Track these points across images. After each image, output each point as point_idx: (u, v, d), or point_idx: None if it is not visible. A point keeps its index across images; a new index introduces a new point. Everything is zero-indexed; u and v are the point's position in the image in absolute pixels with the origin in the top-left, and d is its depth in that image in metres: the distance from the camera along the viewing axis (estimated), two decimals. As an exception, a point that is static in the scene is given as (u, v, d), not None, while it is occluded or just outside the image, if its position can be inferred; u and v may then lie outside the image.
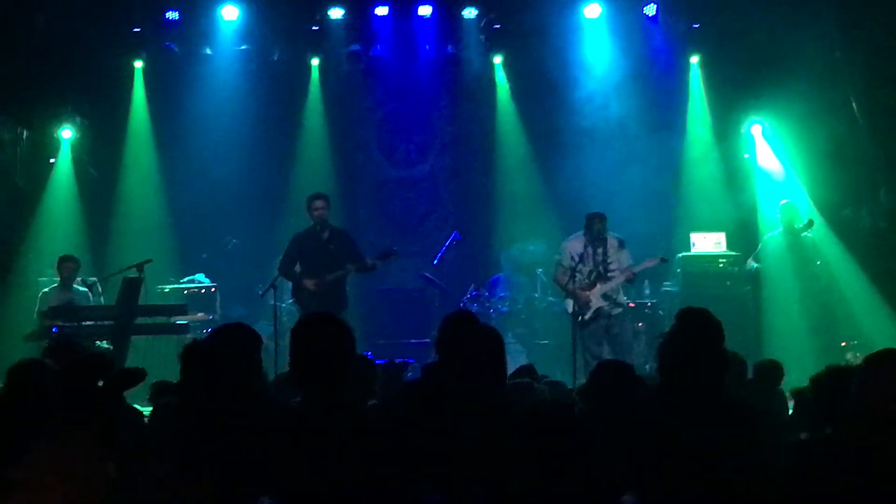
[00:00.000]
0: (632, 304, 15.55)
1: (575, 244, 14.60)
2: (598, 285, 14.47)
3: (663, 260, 15.31)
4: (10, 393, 5.45)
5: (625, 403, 6.10)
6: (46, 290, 15.42)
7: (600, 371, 6.85)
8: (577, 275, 14.43)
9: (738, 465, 5.51)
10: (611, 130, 18.05)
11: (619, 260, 14.55)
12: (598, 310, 14.45)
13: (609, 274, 14.50)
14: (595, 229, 14.46)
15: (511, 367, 9.67)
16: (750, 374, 9.24)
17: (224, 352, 5.64)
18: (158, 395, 8.17)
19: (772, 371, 9.29)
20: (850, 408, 5.50)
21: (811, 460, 5.33)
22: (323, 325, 5.49)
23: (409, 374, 10.50)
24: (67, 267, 15.31)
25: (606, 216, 14.56)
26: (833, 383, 6.09)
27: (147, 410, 7.90)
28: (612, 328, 14.58)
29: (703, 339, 5.79)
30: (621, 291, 14.79)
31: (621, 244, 14.64)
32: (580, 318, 14.43)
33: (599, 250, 14.54)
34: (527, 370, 9.48)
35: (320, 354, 5.34)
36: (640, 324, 16.04)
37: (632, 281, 14.82)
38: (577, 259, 14.43)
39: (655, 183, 17.77)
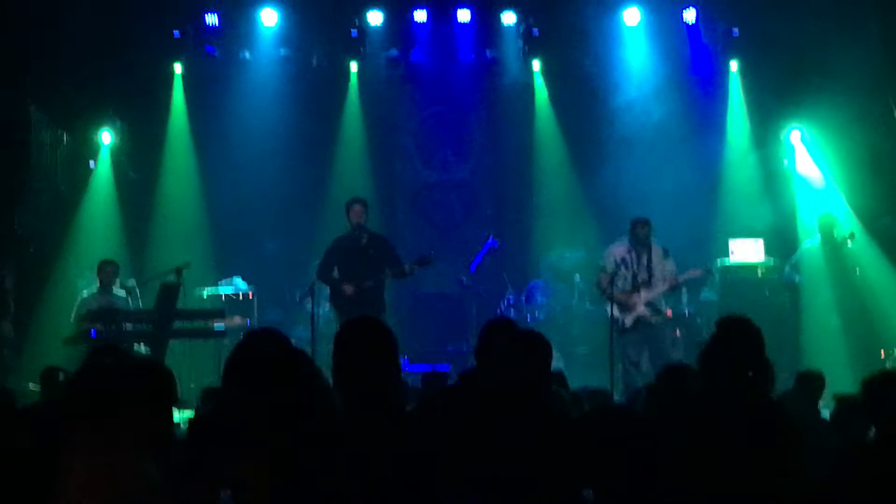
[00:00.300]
0: (670, 313, 15.48)
1: (619, 249, 14.61)
2: (642, 292, 14.46)
3: (708, 271, 15.32)
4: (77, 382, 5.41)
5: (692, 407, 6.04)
6: (86, 293, 15.46)
7: (668, 374, 6.81)
8: (620, 280, 14.42)
9: (777, 471, 5.48)
10: (649, 136, 17.99)
11: (664, 268, 14.55)
12: (640, 317, 14.42)
13: (652, 281, 14.48)
14: (639, 234, 14.48)
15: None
16: (792, 383, 9.21)
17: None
18: (205, 400, 8.19)
19: (814, 381, 9.25)
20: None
21: (858, 465, 5.32)
22: (368, 330, 5.44)
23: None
24: (107, 271, 15.35)
25: (650, 221, 14.56)
26: (886, 387, 6.03)
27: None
28: (652, 336, 14.54)
29: (744, 347, 5.77)
30: (663, 300, 14.77)
31: (666, 253, 14.65)
32: (621, 324, 14.41)
33: (644, 257, 14.53)
34: (555, 377, 9.42)
35: (366, 359, 5.29)
36: (677, 332, 15.96)
37: (676, 290, 14.81)
38: (619, 264, 14.42)
39: (694, 189, 17.71)
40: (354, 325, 5.55)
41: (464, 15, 18.13)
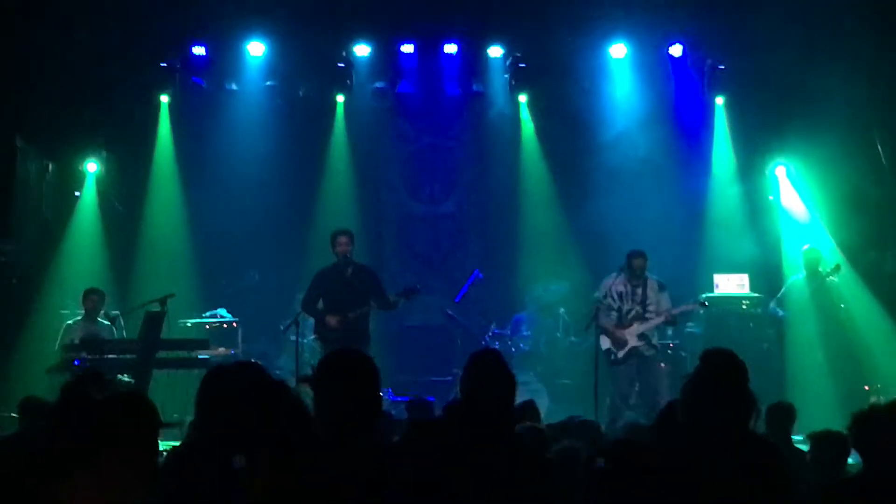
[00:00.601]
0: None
1: (616, 283, 14.67)
2: (635, 325, 14.53)
3: (703, 304, 15.35)
4: (60, 416, 5.40)
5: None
6: (71, 322, 15.43)
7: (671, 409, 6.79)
8: (615, 313, 14.53)
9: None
10: (635, 171, 18.07)
11: (659, 302, 14.63)
12: (633, 349, 14.50)
13: (647, 315, 14.55)
14: (634, 266, 14.59)
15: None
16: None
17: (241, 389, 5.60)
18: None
19: (785, 413, 9.26)
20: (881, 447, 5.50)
21: (843, 498, 5.33)
22: (350, 361, 5.44)
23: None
24: (92, 299, 15.34)
25: (646, 254, 14.62)
26: (875, 422, 6.03)
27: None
28: (645, 370, 14.61)
29: (728, 379, 5.76)
30: (656, 334, 14.84)
31: (661, 287, 14.79)
32: (613, 356, 14.47)
33: (639, 290, 14.60)
34: (527, 408, 9.27)
35: (347, 390, 5.28)
36: (661, 364, 15.97)
37: (672, 323, 14.88)
38: (616, 298, 14.49)
39: (679, 223, 17.78)
40: (336, 357, 5.55)
41: (450, 48, 18.16)
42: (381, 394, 5.47)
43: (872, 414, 5.92)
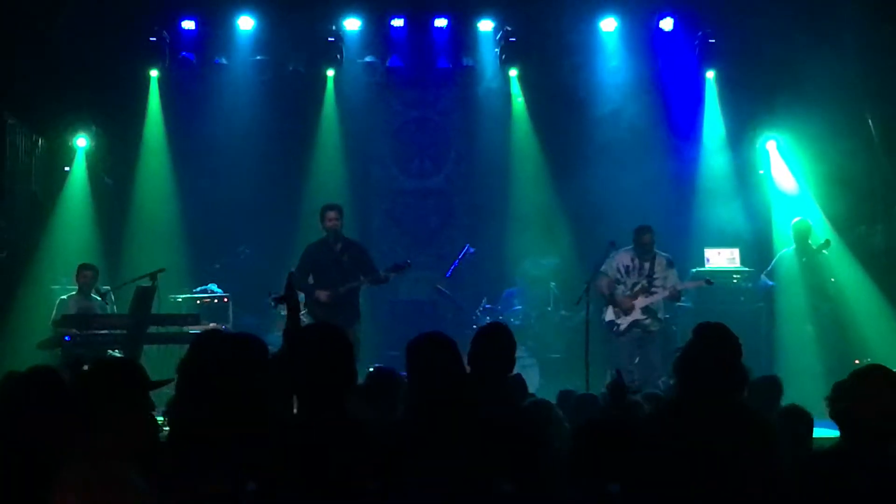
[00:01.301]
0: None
1: (623, 256, 14.77)
2: (640, 298, 14.56)
3: (708, 282, 15.38)
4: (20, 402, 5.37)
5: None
6: (65, 297, 15.43)
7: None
8: (621, 286, 14.63)
9: (754, 478, 5.50)
10: (625, 145, 18.04)
11: (666, 278, 14.65)
12: (635, 322, 14.56)
13: (653, 289, 14.57)
14: (642, 241, 14.69)
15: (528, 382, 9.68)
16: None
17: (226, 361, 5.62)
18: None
19: (771, 386, 9.25)
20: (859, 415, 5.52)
21: (827, 471, 5.36)
22: (323, 337, 5.45)
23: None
24: (85, 275, 15.32)
25: (652, 228, 14.66)
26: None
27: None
28: (645, 343, 14.62)
29: (721, 353, 5.79)
30: (662, 309, 14.86)
31: (670, 263, 14.87)
32: (616, 328, 14.53)
33: (646, 265, 14.65)
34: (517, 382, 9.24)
35: (317, 366, 5.29)
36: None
37: (677, 299, 14.90)
38: (623, 271, 14.58)
39: (669, 198, 17.79)
40: (310, 332, 5.56)
41: (441, 22, 18.14)
42: (352, 370, 5.45)
43: (851, 383, 5.92)
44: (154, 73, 18.26)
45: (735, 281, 16.70)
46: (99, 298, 15.33)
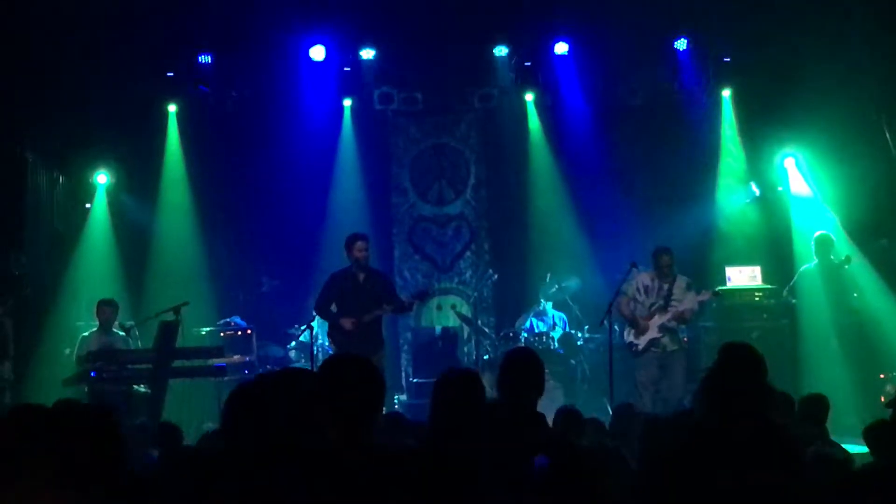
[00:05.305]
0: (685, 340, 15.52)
1: (644, 277, 14.80)
2: (657, 316, 14.54)
3: (716, 293, 15.36)
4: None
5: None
6: (86, 333, 15.42)
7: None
8: (638, 306, 14.65)
9: (784, 500, 5.48)
10: (643, 166, 18.06)
11: (685, 299, 14.61)
12: (652, 340, 14.52)
13: (669, 308, 14.56)
14: (660, 262, 14.67)
15: (551, 406, 9.69)
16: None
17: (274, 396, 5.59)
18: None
19: (818, 404, 9.22)
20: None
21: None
22: (352, 367, 5.41)
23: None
24: (105, 311, 15.32)
25: (671, 250, 14.69)
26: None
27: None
28: (667, 364, 14.59)
29: (747, 373, 5.78)
30: (685, 331, 14.88)
31: (689, 285, 14.89)
32: (634, 348, 14.54)
33: (665, 286, 14.66)
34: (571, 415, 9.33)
35: (347, 398, 5.26)
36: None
37: (683, 321, 14.85)
38: (642, 291, 14.64)
39: (689, 217, 17.75)
40: (336, 362, 5.52)
41: (456, 49, 18.17)
42: (380, 402, 5.42)
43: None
44: (172, 107, 18.34)
45: (757, 299, 16.65)
46: (122, 333, 15.32)
